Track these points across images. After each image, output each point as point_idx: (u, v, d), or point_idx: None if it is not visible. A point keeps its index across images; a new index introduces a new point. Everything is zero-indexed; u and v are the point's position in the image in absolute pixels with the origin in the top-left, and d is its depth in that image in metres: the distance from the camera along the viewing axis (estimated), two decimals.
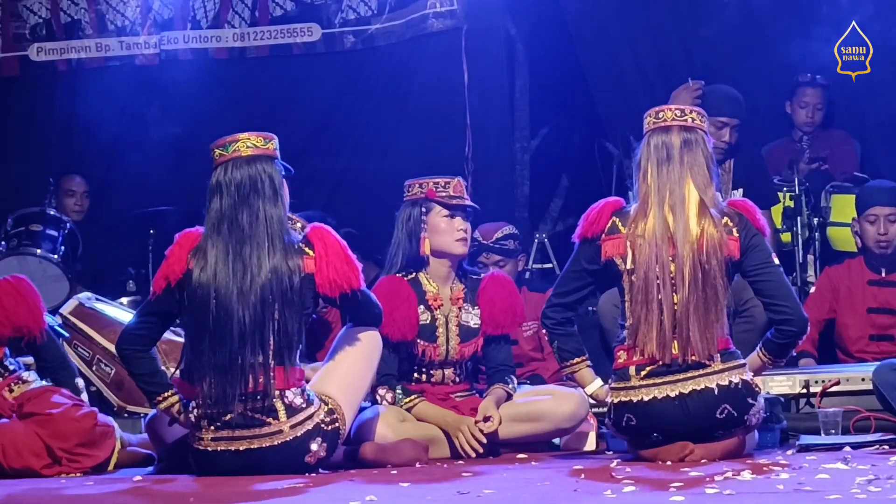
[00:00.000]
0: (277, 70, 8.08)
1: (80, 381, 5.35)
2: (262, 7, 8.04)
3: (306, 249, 4.61)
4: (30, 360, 5.28)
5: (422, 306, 5.26)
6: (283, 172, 4.69)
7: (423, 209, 5.29)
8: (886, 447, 4.74)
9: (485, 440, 5.09)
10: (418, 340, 5.23)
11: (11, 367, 5.11)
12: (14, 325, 5.11)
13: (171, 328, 5.09)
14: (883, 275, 6.38)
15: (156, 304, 4.66)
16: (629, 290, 4.71)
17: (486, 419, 5.09)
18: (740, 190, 6.39)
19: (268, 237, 4.57)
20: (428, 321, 5.27)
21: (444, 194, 5.29)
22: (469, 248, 5.39)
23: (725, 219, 4.71)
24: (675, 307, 4.63)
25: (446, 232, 5.29)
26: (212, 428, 4.54)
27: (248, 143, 4.67)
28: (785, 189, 6.87)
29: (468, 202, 5.35)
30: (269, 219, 4.59)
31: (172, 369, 4.92)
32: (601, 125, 7.89)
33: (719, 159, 6.41)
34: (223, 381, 4.52)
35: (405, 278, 5.29)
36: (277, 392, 4.53)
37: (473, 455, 5.05)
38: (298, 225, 5.32)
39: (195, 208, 5.63)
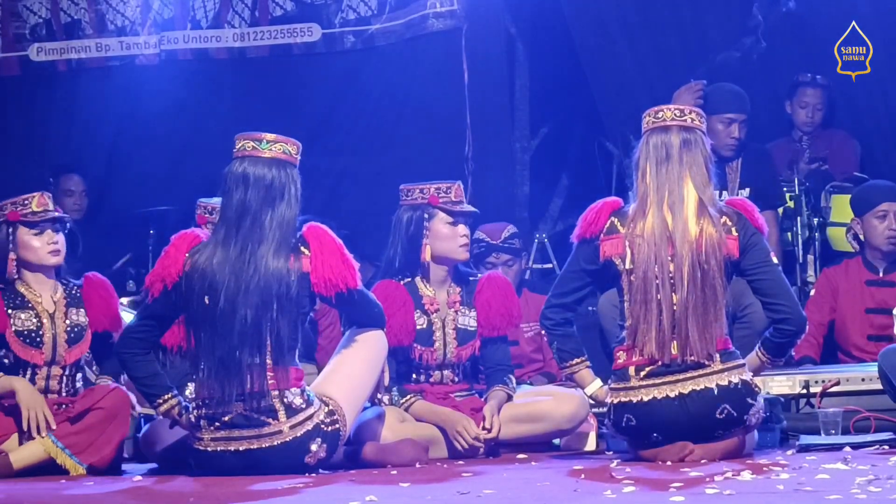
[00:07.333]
0: (277, 70, 8.07)
1: None
2: (262, 7, 8.03)
3: (302, 248, 4.60)
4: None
5: (418, 311, 5.25)
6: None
7: (426, 215, 5.28)
8: (886, 447, 4.74)
9: (482, 443, 5.10)
10: (415, 345, 5.23)
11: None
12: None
13: None
14: (881, 275, 6.37)
15: (153, 306, 4.66)
16: (628, 290, 4.71)
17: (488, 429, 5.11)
18: (747, 189, 6.39)
19: (279, 239, 4.57)
20: (424, 326, 5.25)
21: (446, 200, 5.27)
22: (469, 250, 5.38)
23: (724, 218, 4.71)
24: (674, 307, 4.63)
25: (449, 238, 5.26)
26: (211, 428, 4.55)
27: (284, 147, 4.67)
28: (785, 189, 6.87)
29: (469, 208, 5.34)
30: (286, 224, 4.59)
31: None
32: (601, 125, 7.88)
33: (730, 157, 6.42)
34: (222, 381, 4.52)
35: (401, 283, 5.28)
36: (277, 392, 4.53)
37: (468, 447, 5.06)
38: None
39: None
